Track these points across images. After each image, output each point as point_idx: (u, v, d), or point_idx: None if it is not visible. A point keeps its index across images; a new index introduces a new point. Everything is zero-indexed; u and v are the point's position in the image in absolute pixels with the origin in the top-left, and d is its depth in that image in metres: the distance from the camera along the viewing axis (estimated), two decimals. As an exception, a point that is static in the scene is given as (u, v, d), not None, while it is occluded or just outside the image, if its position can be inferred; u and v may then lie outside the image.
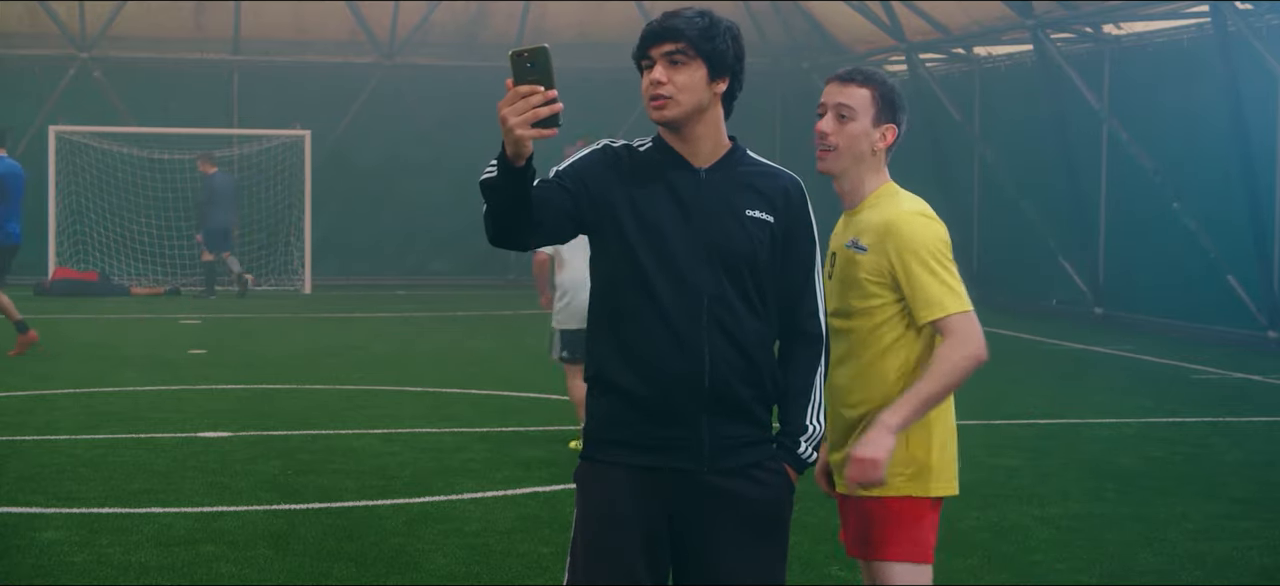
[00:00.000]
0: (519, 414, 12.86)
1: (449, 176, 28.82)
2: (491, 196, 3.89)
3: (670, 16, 4.04)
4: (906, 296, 4.58)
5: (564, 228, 4.06)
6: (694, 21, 4.02)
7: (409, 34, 28.48)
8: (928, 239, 4.59)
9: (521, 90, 3.67)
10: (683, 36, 4.01)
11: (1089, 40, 22.70)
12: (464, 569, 7.70)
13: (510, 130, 3.70)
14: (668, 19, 4.03)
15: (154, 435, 11.50)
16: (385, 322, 22.01)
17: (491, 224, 3.97)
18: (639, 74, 4.12)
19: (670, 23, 4.02)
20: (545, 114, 3.68)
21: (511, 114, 3.71)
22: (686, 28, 4.01)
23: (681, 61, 4.02)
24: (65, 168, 26.71)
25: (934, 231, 4.66)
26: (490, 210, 3.93)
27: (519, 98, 3.71)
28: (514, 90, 3.70)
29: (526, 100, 3.71)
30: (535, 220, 3.95)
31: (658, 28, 4.02)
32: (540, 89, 3.66)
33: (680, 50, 4.01)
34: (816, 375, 4.25)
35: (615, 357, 4.09)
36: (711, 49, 4.02)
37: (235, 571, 7.59)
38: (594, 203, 4.08)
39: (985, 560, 8.06)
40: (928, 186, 29.47)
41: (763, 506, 4.17)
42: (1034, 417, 12.97)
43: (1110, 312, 22.14)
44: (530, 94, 3.67)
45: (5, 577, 7.42)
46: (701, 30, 4.02)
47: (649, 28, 4.05)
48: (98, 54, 27.71)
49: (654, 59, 4.04)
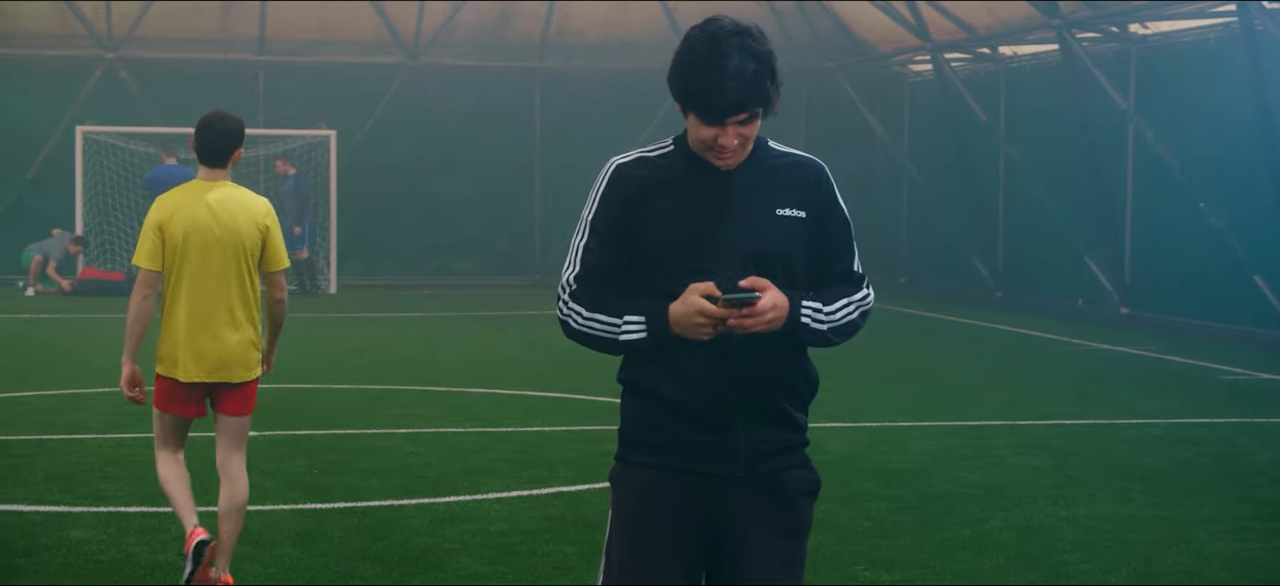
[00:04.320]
0: (544, 414, 12.87)
1: (474, 176, 28.87)
2: (614, 349, 4.09)
3: (738, 80, 3.93)
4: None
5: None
6: (760, 84, 3.96)
7: (434, 34, 28.51)
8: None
9: (726, 315, 3.92)
10: (755, 104, 3.99)
11: (1115, 40, 22.62)
12: (489, 569, 7.70)
13: (696, 332, 3.94)
14: (742, 89, 3.94)
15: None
16: (410, 322, 22.05)
17: (582, 345, 4.15)
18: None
19: (744, 97, 3.95)
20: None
21: (706, 328, 3.93)
22: (756, 93, 3.96)
23: (751, 120, 4.02)
24: (92, 168, 26.81)
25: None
26: (593, 345, 4.12)
27: (718, 317, 3.92)
28: (719, 311, 3.91)
29: (722, 321, 3.93)
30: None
31: (735, 102, 3.95)
32: (735, 311, 3.93)
33: (752, 114, 4.01)
34: (855, 294, 4.19)
35: (650, 362, 4.09)
36: (770, 97, 4.02)
37: (261, 570, 7.61)
38: (633, 233, 4.09)
39: (1011, 560, 8.05)
40: (953, 185, 29.62)
41: (793, 509, 4.18)
42: (1060, 418, 12.94)
43: (1136, 313, 22.06)
44: (726, 315, 3.92)
45: (34, 575, 7.45)
46: (767, 93, 3.99)
47: (727, 101, 3.95)
48: (124, 54, 27.80)
49: (725, 123, 4.02)
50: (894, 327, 20.59)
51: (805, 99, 29.46)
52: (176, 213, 7.01)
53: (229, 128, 7.11)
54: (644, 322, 4.00)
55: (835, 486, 9.49)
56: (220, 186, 7.09)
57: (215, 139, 7.09)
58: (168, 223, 7.01)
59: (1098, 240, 22.93)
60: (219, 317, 7.03)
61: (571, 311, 4.10)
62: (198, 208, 7.02)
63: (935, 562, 7.96)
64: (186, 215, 7.00)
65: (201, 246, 6.98)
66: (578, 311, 4.09)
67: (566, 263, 4.16)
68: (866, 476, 10.23)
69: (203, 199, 7.04)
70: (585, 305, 4.08)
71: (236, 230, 7.02)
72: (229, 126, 7.11)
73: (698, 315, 3.91)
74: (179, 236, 6.99)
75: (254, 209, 7.10)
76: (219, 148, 7.10)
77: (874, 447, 11.39)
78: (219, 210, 7.02)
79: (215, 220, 7.01)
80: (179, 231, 6.99)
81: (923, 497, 9.60)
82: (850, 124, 29.47)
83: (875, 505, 9.33)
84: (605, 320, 4.05)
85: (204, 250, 6.98)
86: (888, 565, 7.88)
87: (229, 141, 7.10)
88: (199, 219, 7.00)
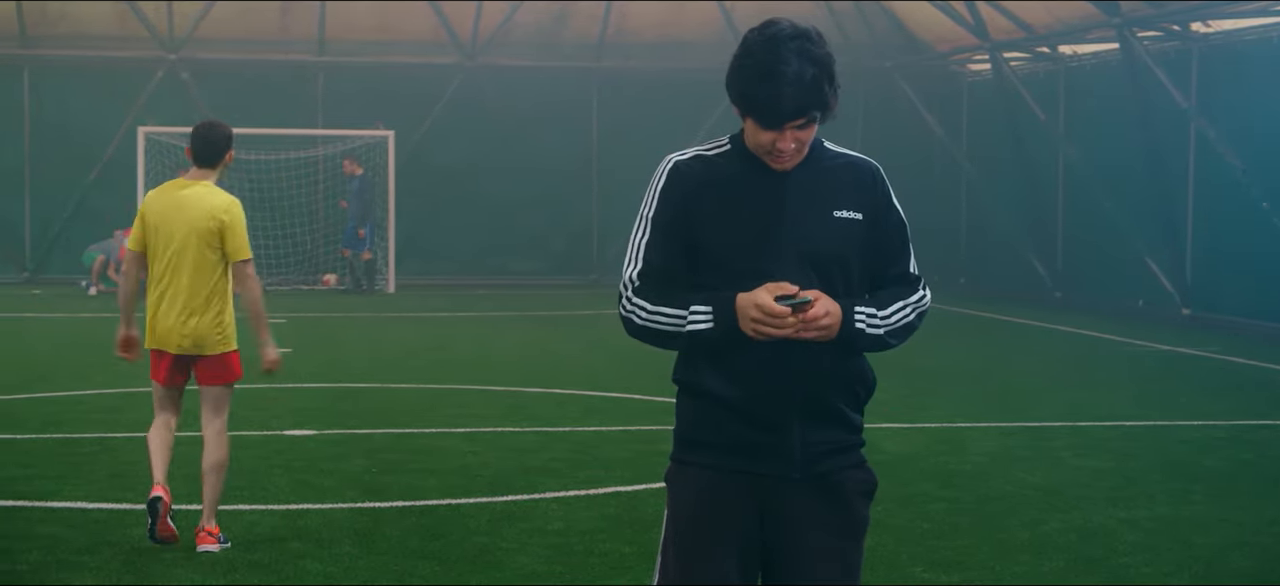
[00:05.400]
0: (600, 414, 12.89)
1: (531, 176, 28.94)
2: (678, 342, 4.06)
3: (797, 85, 3.93)
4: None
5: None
6: (819, 89, 3.95)
7: (491, 34, 28.59)
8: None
9: (782, 312, 3.93)
10: (813, 109, 3.98)
11: (1176, 38, 22.43)
12: (546, 568, 7.72)
13: (753, 329, 3.94)
14: (800, 95, 3.93)
15: (240, 433, 11.61)
16: (467, 322, 22.13)
17: (644, 342, 4.14)
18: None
19: (803, 102, 3.94)
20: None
21: (763, 325, 3.93)
22: (815, 97, 3.95)
23: (809, 124, 4.02)
24: (154, 168, 27.01)
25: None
26: (657, 341, 4.10)
27: (777, 316, 3.92)
28: (779, 311, 3.92)
29: (779, 321, 3.93)
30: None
31: (793, 107, 3.95)
32: (790, 315, 3.95)
33: (810, 119, 4.00)
34: (910, 296, 4.18)
35: (707, 363, 4.08)
36: (828, 101, 4.01)
37: (320, 569, 7.65)
38: (691, 231, 4.08)
39: (1071, 562, 7.99)
40: (1011, 185, 29.37)
41: (849, 509, 4.17)
42: (1120, 420, 12.84)
43: (1198, 314, 21.87)
44: (784, 316, 3.94)
45: (98, 573, 7.53)
46: (825, 97, 3.98)
47: (785, 107, 3.95)
48: (185, 56, 28.04)
49: (784, 128, 4.01)
50: (952, 328, 20.50)
51: (862, 99, 29.36)
52: (153, 204, 8.17)
53: (220, 135, 8.21)
54: (710, 313, 3.99)
55: (893, 487, 9.45)
56: (195, 185, 8.13)
57: (206, 145, 8.17)
58: (147, 212, 8.15)
59: (1158, 240, 22.74)
60: (183, 298, 8.06)
61: (635, 307, 4.09)
62: (168, 200, 8.11)
63: (994, 564, 7.92)
64: (159, 206, 8.13)
65: (168, 234, 8.05)
66: (641, 306, 4.08)
67: (627, 260, 4.15)
68: (924, 477, 10.19)
69: (175, 193, 8.14)
70: (649, 300, 4.07)
71: (193, 220, 8.01)
72: (220, 134, 8.21)
73: (754, 309, 3.91)
74: (154, 225, 8.11)
75: (214, 204, 8.06)
76: (210, 152, 8.17)
77: (932, 448, 11.34)
78: (183, 203, 8.07)
79: (179, 212, 8.05)
80: (153, 220, 8.12)
81: (981, 499, 9.55)
82: (908, 124, 29.37)
83: (933, 506, 9.29)
84: (670, 313, 4.04)
85: (169, 237, 8.05)
86: (946, 566, 7.84)
87: (220, 146, 8.19)
88: (167, 210, 8.07)
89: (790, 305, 3.92)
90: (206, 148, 8.15)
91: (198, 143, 8.16)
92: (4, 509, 8.92)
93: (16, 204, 28.13)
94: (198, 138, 8.17)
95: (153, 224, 8.08)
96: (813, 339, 3.96)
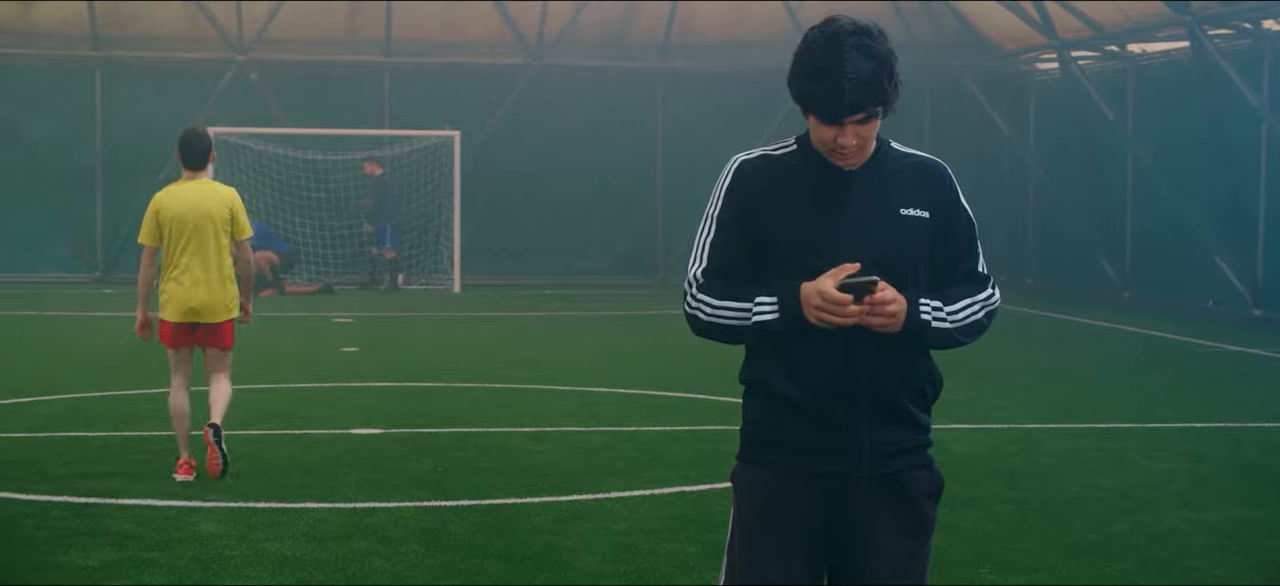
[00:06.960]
0: (666, 413, 12.89)
1: (596, 176, 28.98)
2: (744, 336, 4.07)
3: (856, 80, 3.92)
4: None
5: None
6: (878, 84, 3.94)
7: (557, 34, 28.65)
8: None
9: (844, 301, 3.92)
10: (873, 104, 3.97)
11: (1248, 36, 22.20)
12: (611, 567, 7.74)
13: (818, 316, 3.94)
14: (859, 90, 3.93)
15: (309, 431, 11.72)
16: (533, 321, 22.19)
17: (709, 338, 4.15)
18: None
19: (862, 97, 3.94)
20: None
21: (826, 312, 3.93)
22: (874, 93, 3.94)
23: (869, 119, 4.01)
24: (224, 168, 27.22)
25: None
26: (722, 336, 4.10)
27: (839, 303, 3.92)
28: (840, 298, 3.92)
29: (841, 308, 3.92)
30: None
31: (852, 102, 3.94)
32: (852, 303, 3.94)
33: (871, 114, 4.00)
34: (979, 294, 4.17)
35: (774, 362, 4.08)
36: (888, 97, 4.00)
37: (388, 567, 7.70)
38: (757, 230, 4.09)
39: (1140, 564, 7.93)
40: (1080, 185, 29.16)
41: (916, 509, 4.16)
42: (1190, 421, 12.72)
43: (1269, 314, 21.63)
44: (846, 303, 3.93)
45: (168, 570, 7.61)
46: (885, 92, 3.97)
47: (844, 102, 3.94)
48: (254, 56, 28.26)
49: (844, 123, 4.01)
50: (1020, 328, 20.37)
51: (930, 98, 29.24)
52: (168, 203, 9.77)
53: (205, 141, 9.91)
54: (776, 304, 3.99)
55: (960, 488, 9.41)
56: (198, 182, 9.88)
57: (195, 151, 9.87)
58: (162, 209, 9.75)
59: (1229, 240, 22.51)
60: (197, 274, 9.72)
61: (700, 304, 4.10)
62: (182, 197, 9.77)
63: (1061, 566, 7.87)
64: (175, 204, 9.75)
65: (191, 224, 9.71)
66: (706, 302, 4.09)
67: (692, 258, 4.16)
68: (992, 478, 10.14)
69: (186, 191, 9.81)
70: (714, 296, 4.08)
71: (210, 212, 9.78)
72: (205, 141, 9.91)
73: (817, 296, 3.91)
74: (170, 219, 9.71)
75: (223, 194, 9.91)
76: (199, 156, 9.87)
77: (999, 449, 11.28)
78: (196, 197, 9.80)
79: (195, 204, 9.76)
80: (170, 216, 9.72)
81: (1049, 500, 9.49)
82: (975, 123, 29.21)
83: (1000, 507, 9.24)
84: (736, 306, 4.04)
85: (188, 226, 9.71)
86: (1013, 568, 7.80)
87: (206, 150, 9.88)
88: (183, 205, 9.73)
89: (854, 288, 3.91)
90: (196, 154, 9.86)
91: (187, 150, 9.86)
92: (76, 506, 9.03)
93: (89, 204, 28.43)
94: (187, 146, 9.86)
95: (170, 219, 9.71)
96: (878, 328, 3.95)
